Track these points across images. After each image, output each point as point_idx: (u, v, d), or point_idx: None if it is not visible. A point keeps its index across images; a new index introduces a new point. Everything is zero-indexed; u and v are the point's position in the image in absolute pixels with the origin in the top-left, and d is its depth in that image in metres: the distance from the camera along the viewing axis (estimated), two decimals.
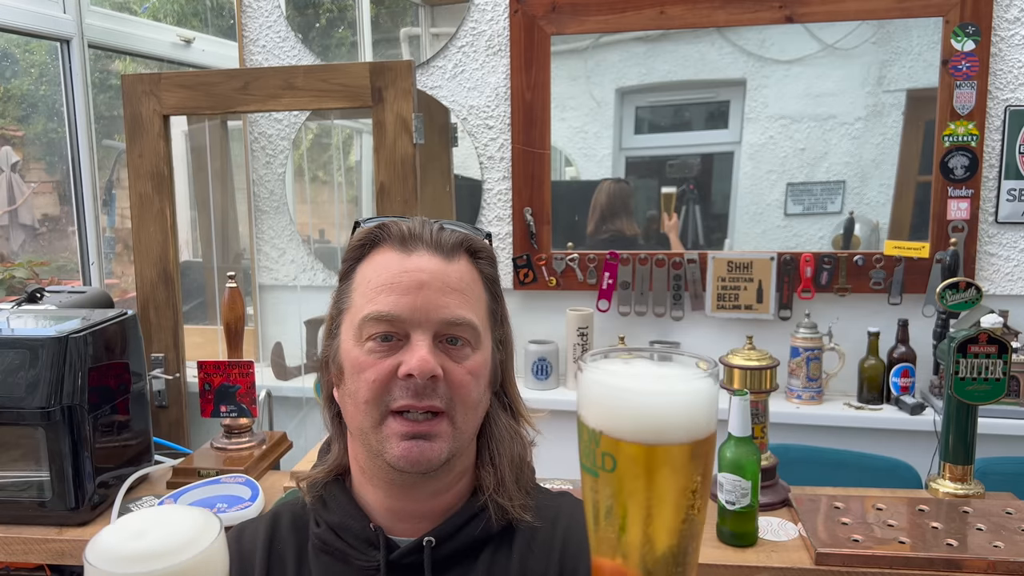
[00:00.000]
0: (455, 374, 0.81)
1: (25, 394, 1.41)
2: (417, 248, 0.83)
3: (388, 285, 0.81)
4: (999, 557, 1.23)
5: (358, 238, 0.87)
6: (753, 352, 1.54)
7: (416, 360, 0.78)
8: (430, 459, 0.80)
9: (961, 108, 2.20)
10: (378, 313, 0.80)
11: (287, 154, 2.63)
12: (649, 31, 2.39)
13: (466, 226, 0.89)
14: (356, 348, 0.82)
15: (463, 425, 0.82)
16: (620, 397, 0.50)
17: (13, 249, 2.54)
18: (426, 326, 0.80)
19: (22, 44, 2.57)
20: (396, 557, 0.84)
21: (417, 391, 0.78)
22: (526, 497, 0.88)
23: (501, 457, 0.88)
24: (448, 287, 0.82)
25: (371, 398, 0.80)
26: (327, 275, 2.64)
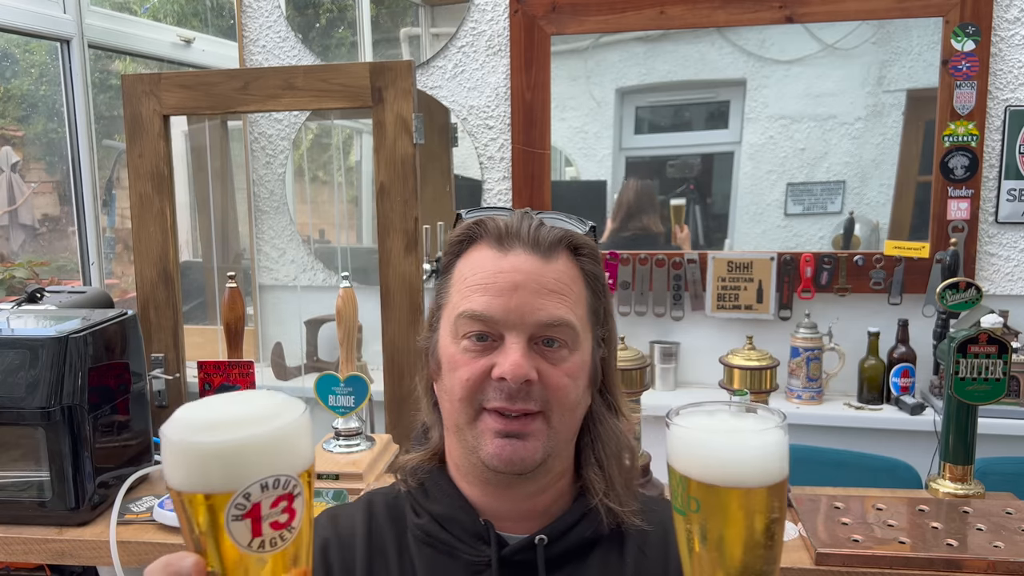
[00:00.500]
0: (551, 377, 0.79)
1: (25, 394, 1.40)
2: (513, 247, 0.81)
3: (483, 285, 0.80)
4: (999, 557, 1.23)
5: (456, 234, 0.86)
6: (753, 352, 1.54)
7: (509, 364, 0.77)
8: (524, 459, 0.78)
9: (961, 108, 2.20)
10: (472, 312, 0.79)
11: (287, 154, 2.63)
12: (649, 31, 2.39)
13: (570, 219, 0.86)
14: (452, 345, 0.82)
15: (560, 426, 0.81)
16: (702, 447, 0.57)
17: (13, 249, 2.54)
18: (520, 328, 0.78)
19: (22, 44, 2.57)
20: (508, 553, 0.82)
21: (510, 394, 0.77)
22: (636, 501, 0.87)
23: (608, 459, 0.86)
24: (544, 288, 0.79)
25: (465, 396, 0.80)
26: (327, 275, 2.64)
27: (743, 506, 0.57)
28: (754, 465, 0.57)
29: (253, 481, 0.52)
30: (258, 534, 0.53)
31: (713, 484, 0.57)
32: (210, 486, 0.52)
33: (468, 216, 0.87)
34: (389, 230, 2.15)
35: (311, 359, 2.60)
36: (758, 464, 0.57)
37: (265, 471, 0.52)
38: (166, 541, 1.40)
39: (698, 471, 0.57)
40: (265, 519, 0.53)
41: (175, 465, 0.53)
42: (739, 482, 0.57)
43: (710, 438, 0.58)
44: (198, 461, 0.52)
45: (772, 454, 0.58)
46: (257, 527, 0.53)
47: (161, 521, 1.43)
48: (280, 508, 0.53)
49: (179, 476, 0.53)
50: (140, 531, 1.43)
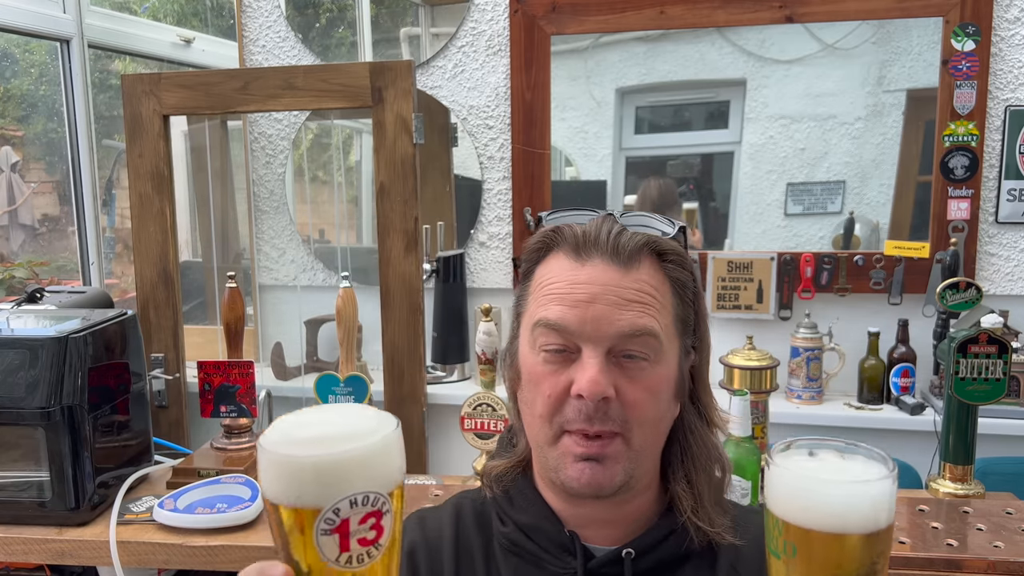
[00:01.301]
0: (629, 393, 0.76)
1: (25, 394, 1.41)
2: (591, 256, 0.78)
3: (559, 296, 0.77)
4: (999, 557, 1.23)
5: (535, 241, 0.83)
6: (753, 352, 1.54)
7: (586, 380, 0.74)
8: (602, 484, 0.76)
9: (961, 108, 2.20)
10: (547, 321, 0.77)
11: (287, 154, 2.63)
12: (649, 31, 2.39)
13: (655, 221, 0.83)
14: (531, 355, 0.80)
15: (641, 445, 0.78)
16: (805, 491, 0.55)
17: (13, 249, 2.54)
18: (598, 341, 0.75)
19: (22, 44, 2.57)
20: (595, 566, 0.81)
21: (588, 415, 0.75)
22: (727, 517, 0.83)
23: (698, 474, 0.83)
24: (623, 299, 0.76)
25: (546, 414, 0.78)
26: (327, 275, 2.64)
27: (843, 553, 0.55)
28: (858, 513, 0.55)
29: (343, 497, 0.53)
30: (346, 549, 0.54)
31: (812, 529, 0.55)
32: (302, 500, 0.53)
33: (548, 219, 0.84)
34: (389, 230, 2.15)
35: (311, 359, 2.60)
36: (864, 512, 0.55)
37: (357, 487, 0.53)
38: (166, 541, 1.40)
39: (796, 515, 0.55)
40: (353, 535, 0.54)
41: (271, 477, 0.55)
42: (841, 529, 0.55)
43: (812, 483, 0.56)
44: (292, 474, 0.53)
45: (881, 502, 0.56)
46: (345, 543, 0.54)
47: (161, 521, 1.43)
48: (368, 525, 0.54)
49: (274, 488, 0.54)
50: (140, 531, 1.43)
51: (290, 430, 0.56)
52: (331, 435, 0.55)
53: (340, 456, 0.53)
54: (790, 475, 0.56)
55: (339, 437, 0.55)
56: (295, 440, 0.55)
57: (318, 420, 0.58)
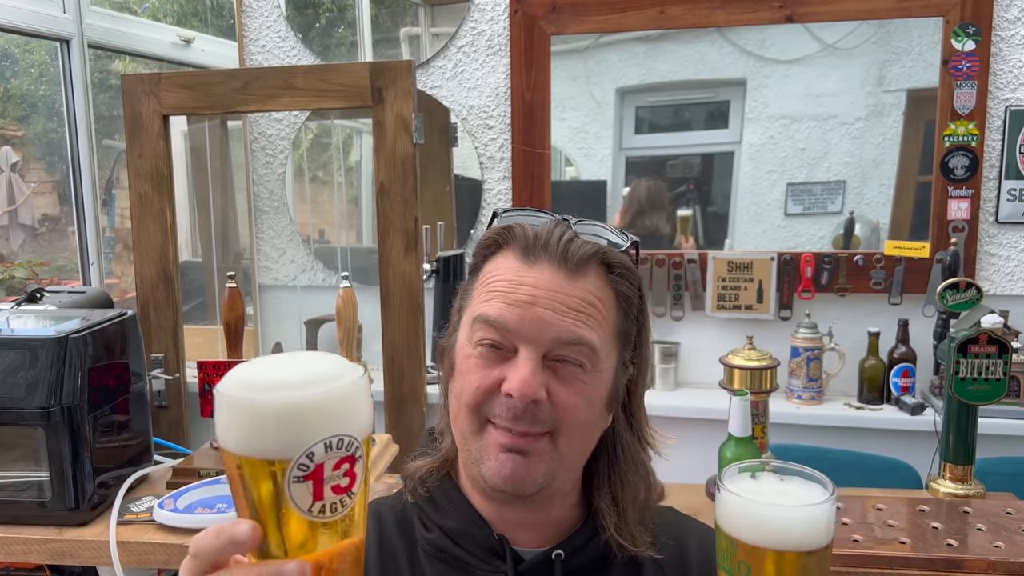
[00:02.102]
0: (560, 396, 0.75)
1: (25, 394, 1.40)
2: (539, 259, 0.77)
3: (502, 293, 0.76)
4: (999, 557, 1.23)
5: (486, 237, 0.82)
6: (753, 352, 1.54)
7: (518, 380, 0.73)
8: (524, 480, 0.75)
9: (961, 108, 2.20)
10: (486, 317, 0.76)
11: (287, 154, 2.63)
12: (649, 31, 2.39)
13: (608, 232, 0.82)
14: (467, 347, 0.79)
15: (567, 450, 0.77)
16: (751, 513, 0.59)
17: (13, 249, 2.54)
18: (536, 344, 0.75)
19: (22, 44, 2.57)
20: (525, 569, 0.80)
21: (516, 414, 0.74)
22: (648, 533, 0.83)
23: (624, 491, 0.82)
24: (564, 306, 0.75)
25: (472, 403, 0.76)
26: (327, 275, 2.64)
27: (793, 569, 0.58)
28: (800, 531, 0.59)
29: (316, 440, 0.49)
30: (319, 498, 0.50)
31: (763, 547, 0.58)
32: (269, 448, 0.49)
33: (503, 217, 0.83)
34: (389, 230, 2.15)
35: None
36: (804, 530, 0.59)
37: (324, 432, 0.49)
38: (166, 541, 1.40)
39: (747, 534, 0.58)
40: (327, 482, 0.50)
41: (232, 426, 0.50)
42: (786, 547, 0.58)
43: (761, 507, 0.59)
44: (258, 421, 0.49)
45: (820, 522, 0.59)
46: (319, 490, 0.50)
47: (161, 521, 1.43)
48: (342, 471, 0.51)
49: (235, 437, 0.50)
50: (140, 531, 1.43)
51: (251, 376, 0.52)
52: (298, 379, 0.51)
53: (310, 398, 0.50)
54: (733, 502, 0.60)
55: (306, 381, 0.51)
56: (261, 385, 0.51)
57: (279, 366, 0.53)
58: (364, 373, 0.53)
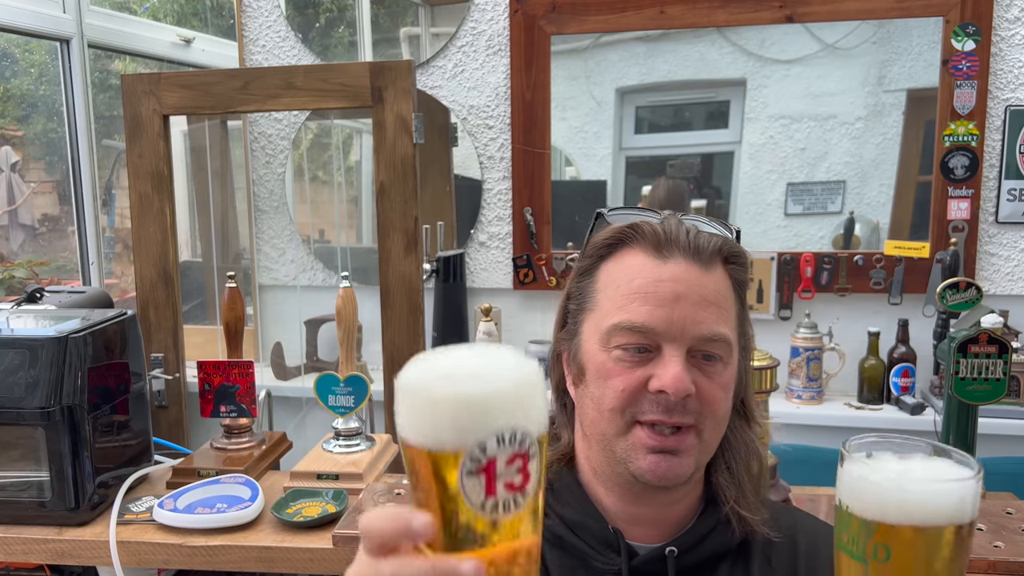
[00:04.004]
0: (707, 391, 0.77)
1: (25, 394, 1.40)
2: (673, 254, 0.78)
3: (642, 294, 0.77)
4: (999, 557, 1.23)
5: (606, 236, 0.82)
6: (753, 352, 1.54)
7: (671, 377, 0.75)
8: (678, 475, 0.78)
9: (961, 108, 2.20)
10: (631, 324, 0.76)
11: (287, 154, 2.63)
12: (649, 31, 2.39)
13: (720, 225, 0.84)
14: (602, 353, 0.79)
15: (710, 439, 0.80)
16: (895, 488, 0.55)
17: (13, 249, 2.54)
18: (681, 341, 0.76)
19: (22, 44, 2.57)
20: (638, 563, 0.81)
21: (668, 407, 0.76)
22: (766, 509, 0.85)
23: (739, 466, 0.85)
24: (705, 300, 0.77)
25: (618, 407, 0.77)
26: (327, 275, 2.64)
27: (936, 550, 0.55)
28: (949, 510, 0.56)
29: (491, 432, 0.48)
30: (492, 493, 0.49)
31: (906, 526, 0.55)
32: (442, 439, 0.48)
33: (613, 216, 0.84)
34: (389, 230, 2.15)
35: (311, 359, 2.60)
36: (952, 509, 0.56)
37: (499, 424, 0.48)
38: (166, 541, 1.40)
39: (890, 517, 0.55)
40: (500, 477, 0.49)
41: (409, 415, 0.50)
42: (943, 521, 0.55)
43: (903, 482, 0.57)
44: (434, 410, 0.49)
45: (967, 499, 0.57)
46: (491, 486, 0.49)
47: (161, 521, 1.43)
48: (516, 468, 0.49)
49: (412, 427, 0.50)
50: (140, 531, 1.43)
51: (430, 367, 0.51)
52: (472, 370, 0.50)
53: (488, 391, 0.49)
54: (881, 474, 0.56)
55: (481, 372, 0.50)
56: (436, 375, 0.50)
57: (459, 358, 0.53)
58: (539, 366, 0.52)
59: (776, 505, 0.92)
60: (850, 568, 0.57)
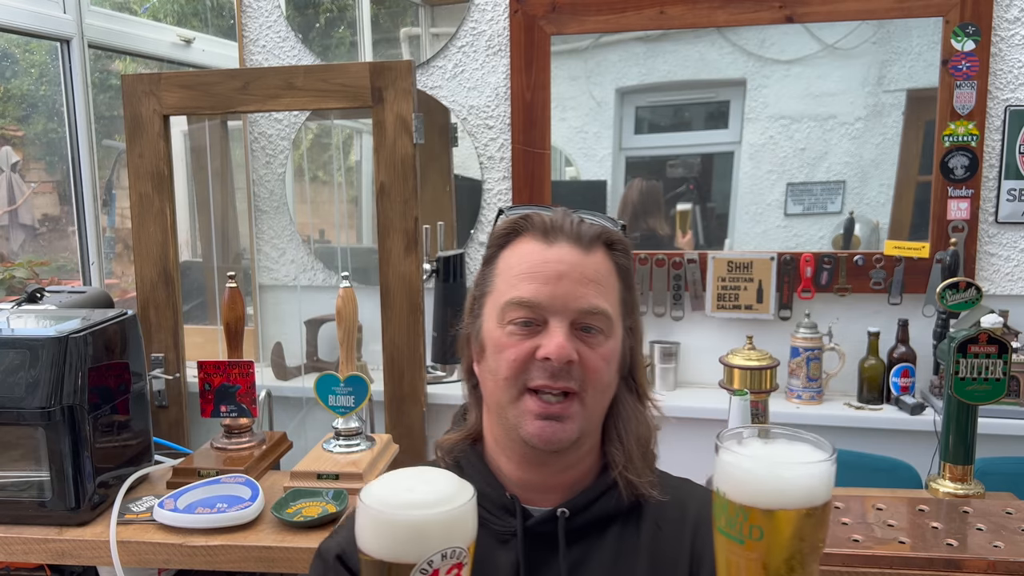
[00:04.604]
0: (589, 359, 0.87)
1: (25, 394, 1.41)
2: (558, 239, 0.89)
3: (530, 273, 0.87)
4: (999, 557, 1.23)
5: (503, 227, 0.93)
6: (753, 352, 1.54)
7: (554, 345, 0.84)
8: (561, 439, 0.86)
9: (961, 108, 2.20)
10: (520, 299, 0.87)
11: (287, 154, 2.63)
12: (649, 31, 2.39)
13: (603, 217, 0.94)
14: (498, 329, 0.89)
15: (593, 406, 0.89)
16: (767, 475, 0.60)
17: (13, 249, 2.54)
18: (564, 314, 0.86)
19: (22, 44, 2.57)
20: (532, 525, 0.90)
21: (553, 373, 0.85)
22: (653, 475, 0.94)
23: (628, 435, 0.94)
24: (585, 278, 0.87)
25: (510, 375, 0.87)
26: (327, 275, 2.64)
27: (800, 527, 0.59)
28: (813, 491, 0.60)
29: (436, 550, 0.63)
30: None
31: (776, 509, 0.59)
32: (399, 554, 0.63)
33: (511, 212, 0.95)
34: (389, 230, 2.15)
35: (311, 359, 2.60)
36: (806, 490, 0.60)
37: (443, 544, 0.64)
38: (166, 541, 1.40)
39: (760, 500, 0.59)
40: None
41: (371, 534, 0.65)
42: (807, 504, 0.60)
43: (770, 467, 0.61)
44: (392, 531, 0.64)
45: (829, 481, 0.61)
46: None
47: (161, 521, 1.43)
48: (452, 574, 0.64)
49: (372, 543, 0.65)
50: (140, 531, 1.43)
51: (387, 494, 0.66)
52: (424, 499, 0.65)
53: (436, 517, 0.64)
54: (754, 463, 0.60)
55: (430, 501, 0.65)
56: (395, 503, 0.65)
57: (407, 486, 0.68)
58: (473, 495, 0.68)
59: (671, 477, 1.01)
60: (729, 548, 0.62)
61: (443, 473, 0.70)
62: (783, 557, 0.59)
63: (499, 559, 0.90)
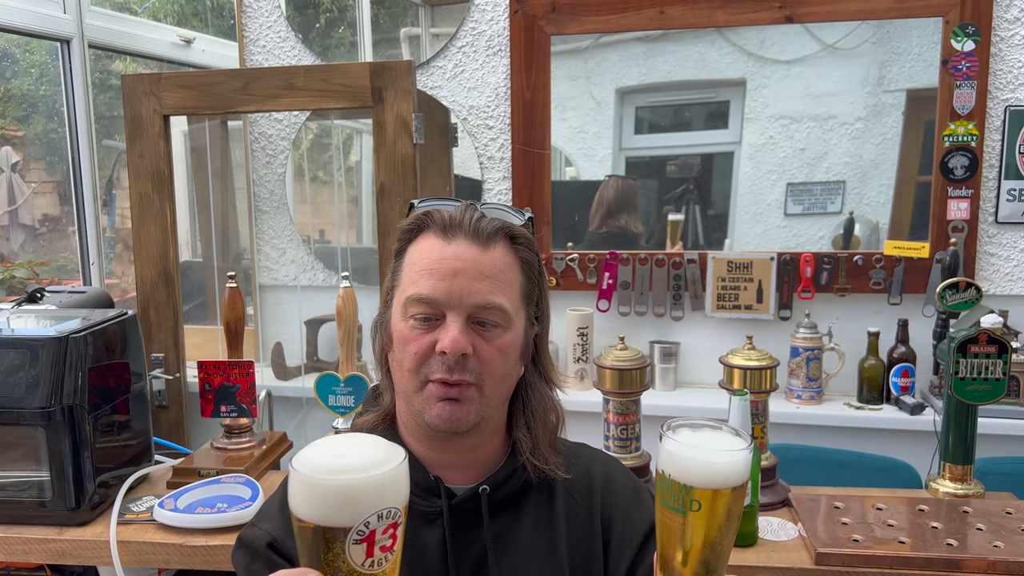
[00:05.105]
0: (484, 351, 0.90)
1: (25, 394, 1.41)
2: (456, 236, 0.92)
3: (428, 270, 0.90)
4: (999, 557, 1.23)
5: (408, 223, 0.97)
6: (753, 352, 1.54)
7: (449, 339, 0.88)
8: (460, 420, 0.90)
9: (961, 108, 2.20)
10: (418, 295, 0.90)
11: (287, 154, 2.63)
12: (649, 31, 2.39)
13: (508, 210, 0.97)
14: (402, 322, 0.92)
15: (491, 394, 0.92)
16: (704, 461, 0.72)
17: (13, 249, 2.55)
18: (459, 309, 0.89)
19: (22, 44, 2.57)
20: (457, 503, 0.94)
21: (449, 367, 0.89)
22: (559, 456, 0.99)
23: (536, 423, 0.98)
24: (481, 274, 0.90)
25: (413, 368, 0.91)
26: (327, 275, 2.64)
27: (730, 501, 0.72)
28: (737, 472, 0.73)
29: (372, 512, 0.64)
30: (370, 555, 0.65)
31: (712, 488, 0.72)
32: (334, 518, 0.64)
33: (419, 206, 0.98)
34: (389, 230, 2.15)
35: (311, 359, 2.60)
36: (739, 472, 0.73)
37: (377, 506, 0.65)
38: (166, 541, 1.40)
39: (698, 480, 0.71)
40: (377, 543, 0.65)
41: (305, 500, 0.65)
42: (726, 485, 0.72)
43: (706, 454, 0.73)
44: (326, 497, 0.64)
45: (746, 465, 0.74)
46: (370, 550, 0.65)
47: (161, 521, 1.43)
48: (388, 534, 0.66)
49: (307, 509, 0.65)
50: (140, 531, 1.43)
51: (322, 460, 0.67)
52: (358, 463, 0.66)
53: (368, 479, 0.65)
54: (686, 453, 0.72)
55: (363, 465, 0.66)
56: (328, 468, 0.65)
57: (342, 450, 0.69)
58: (405, 457, 0.68)
59: (570, 446, 1.06)
60: (672, 518, 0.73)
61: (374, 438, 0.72)
62: (716, 523, 0.72)
63: (426, 537, 0.94)
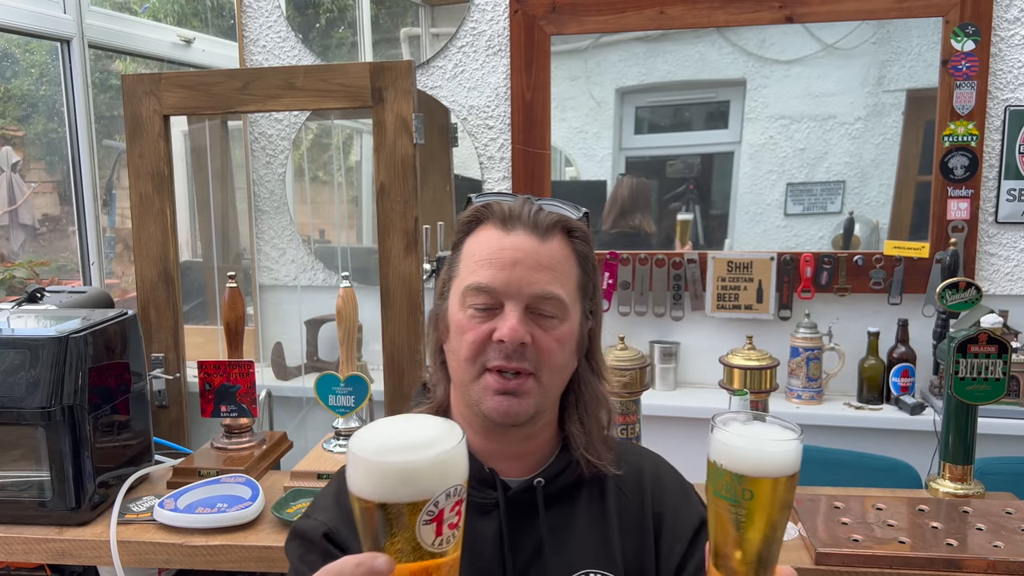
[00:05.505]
0: (542, 341, 0.91)
1: (25, 394, 1.41)
2: (515, 228, 0.93)
3: (488, 260, 0.92)
4: (999, 557, 1.23)
5: (467, 214, 0.98)
6: (753, 352, 1.54)
7: (507, 328, 0.89)
8: (518, 413, 0.91)
9: (961, 108, 2.20)
10: (478, 284, 0.91)
11: (287, 154, 2.63)
12: (649, 31, 2.39)
13: (565, 205, 0.99)
14: (460, 312, 0.93)
15: (548, 384, 0.93)
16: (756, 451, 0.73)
17: (13, 249, 2.54)
18: (518, 298, 0.91)
19: (22, 44, 2.57)
20: (512, 495, 0.95)
21: (508, 354, 0.90)
22: (611, 452, 1.00)
23: (589, 417, 0.99)
24: (540, 264, 0.92)
25: (470, 356, 0.92)
26: (327, 275, 2.64)
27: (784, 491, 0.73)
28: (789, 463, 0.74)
29: (441, 491, 0.64)
30: (439, 533, 0.65)
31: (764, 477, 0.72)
32: (400, 496, 0.63)
33: (477, 200, 0.99)
34: (389, 230, 2.15)
35: (311, 359, 2.60)
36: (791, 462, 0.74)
37: (443, 484, 0.64)
38: (167, 541, 1.40)
39: (750, 469, 0.72)
40: (446, 521, 0.65)
41: (371, 483, 0.64)
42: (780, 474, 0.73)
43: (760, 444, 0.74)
44: (398, 477, 0.63)
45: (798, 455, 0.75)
46: (439, 528, 0.64)
47: (162, 521, 1.43)
48: (455, 511, 0.65)
49: (373, 491, 0.64)
50: (140, 531, 1.43)
51: (384, 440, 0.66)
52: (422, 441, 0.66)
53: (437, 456, 0.64)
54: (738, 444, 0.73)
55: (425, 443, 0.65)
56: (391, 448, 0.65)
57: (402, 429, 0.68)
58: (463, 435, 0.68)
59: (622, 443, 1.07)
60: (725, 507, 0.73)
61: (428, 417, 0.72)
62: (768, 512, 0.73)
63: (481, 529, 0.94)
